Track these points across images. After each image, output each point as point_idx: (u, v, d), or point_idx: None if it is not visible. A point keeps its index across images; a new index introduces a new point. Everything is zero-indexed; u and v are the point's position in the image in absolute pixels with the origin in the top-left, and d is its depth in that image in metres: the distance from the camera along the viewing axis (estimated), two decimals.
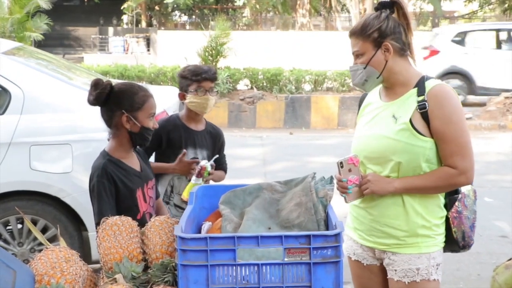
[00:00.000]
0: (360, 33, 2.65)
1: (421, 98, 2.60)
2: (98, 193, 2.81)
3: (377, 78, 2.66)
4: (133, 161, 2.98)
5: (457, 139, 2.59)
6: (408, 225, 2.65)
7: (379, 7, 2.67)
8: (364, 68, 2.64)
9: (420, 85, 2.64)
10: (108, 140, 3.00)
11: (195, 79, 3.71)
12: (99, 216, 2.66)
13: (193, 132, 3.76)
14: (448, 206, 2.71)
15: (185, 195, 3.57)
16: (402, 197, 2.65)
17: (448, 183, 2.62)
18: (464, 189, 2.73)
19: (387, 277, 2.75)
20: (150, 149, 3.57)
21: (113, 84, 2.91)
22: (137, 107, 2.86)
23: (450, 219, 2.70)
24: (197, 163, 3.55)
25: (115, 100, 2.85)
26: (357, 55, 2.68)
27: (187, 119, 3.77)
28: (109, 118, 2.89)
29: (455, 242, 2.74)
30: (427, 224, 2.66)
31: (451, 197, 2.71)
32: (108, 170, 2.83)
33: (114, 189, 2.84)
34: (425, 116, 2.60)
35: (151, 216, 2.89)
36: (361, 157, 2.71)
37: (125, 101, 2.85)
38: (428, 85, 2.63)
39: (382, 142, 2.65)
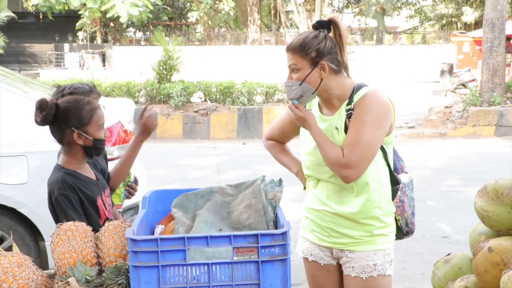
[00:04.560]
0: (298, 50, 2.68)
1: (348, 107, 2.69)
2: (65, 205, 2.79)
3: (312, 93, 2.72)
4: (88, 171, 2.99)
5: (359, 135, 2.61)
6: (365, 228, 2.74)
7: (317, 26, 2.73)
8: (300, 84, 2.69)
9: (351, 95, 2.72)
10: (59, 154, 2.99)
11: None
12: None
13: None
14: (392, 196, 2.80)
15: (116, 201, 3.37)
16: (362, 203, 2.71)
17: (333, 163, 2.64)
18: (404, 179, 2.83)
19: (344, 275, 2.82)
20: None
21: (59, 101, 2.88)
22: (86, 122, 2.85)
23: (394, 208, 2.80)
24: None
25: (62, 119, 2.84)
26: (293, 69, 2.70)
27: None
28: (61, 136, 2.88)
29: (399, 230, 2.85)
30: (382, 225, 2.76)
31: (394, 187, 2.79)
32: (68, 182, 2.81)
33: (78, 198, 2.83)
34: None
35: None
36: (314, 171, 2.80)
37: (73, 119, 2.84)
38: (358, 94, 2.70)
39: None
